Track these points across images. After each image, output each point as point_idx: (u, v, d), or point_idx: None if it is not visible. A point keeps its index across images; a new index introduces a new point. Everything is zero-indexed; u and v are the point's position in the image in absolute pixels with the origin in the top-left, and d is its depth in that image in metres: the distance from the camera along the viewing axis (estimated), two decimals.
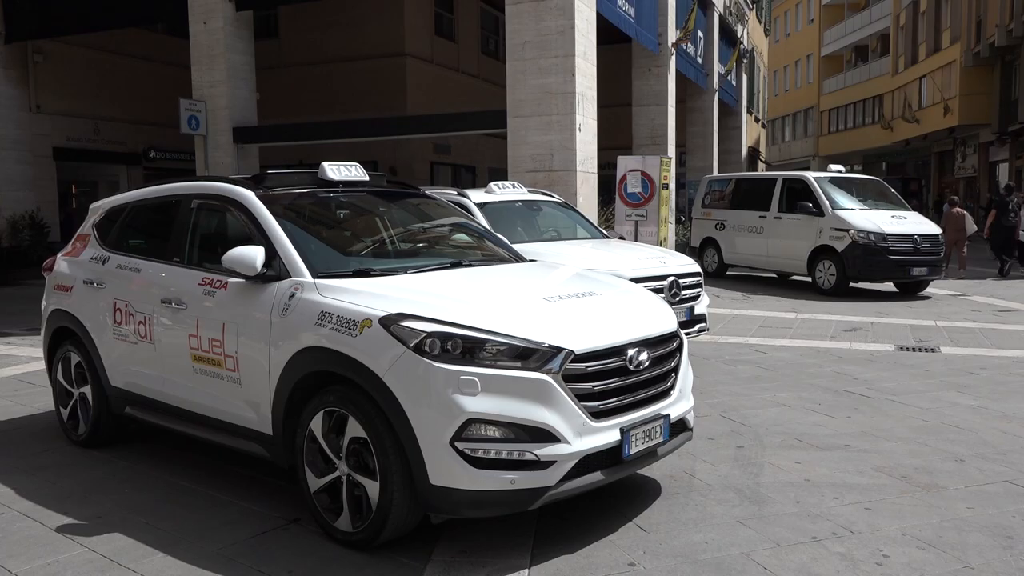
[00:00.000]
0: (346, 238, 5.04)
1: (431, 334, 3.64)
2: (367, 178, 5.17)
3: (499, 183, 9.00)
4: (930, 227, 13.82)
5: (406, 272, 4.43)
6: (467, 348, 3.63)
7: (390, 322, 3.73)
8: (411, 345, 3.64)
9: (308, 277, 4.21)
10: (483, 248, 5.46)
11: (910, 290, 13.93)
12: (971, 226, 17.44)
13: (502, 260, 5.21)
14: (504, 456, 3.60)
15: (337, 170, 5.04)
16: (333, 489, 3.97)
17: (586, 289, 4.45)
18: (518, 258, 5.33)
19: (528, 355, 3.67)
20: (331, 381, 3.96)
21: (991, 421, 6.02)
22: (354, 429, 3.83)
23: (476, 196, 8.53)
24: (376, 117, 17.66)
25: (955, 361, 8.25)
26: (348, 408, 3.83)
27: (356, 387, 3.81)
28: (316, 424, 3.99)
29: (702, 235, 16.59)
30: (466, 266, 4.81)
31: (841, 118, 53.70)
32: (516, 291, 4.45)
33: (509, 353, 3.66)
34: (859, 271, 13.21)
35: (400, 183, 5.82)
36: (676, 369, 4.27)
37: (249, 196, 4.68)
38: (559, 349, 3.71)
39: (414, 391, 3.62)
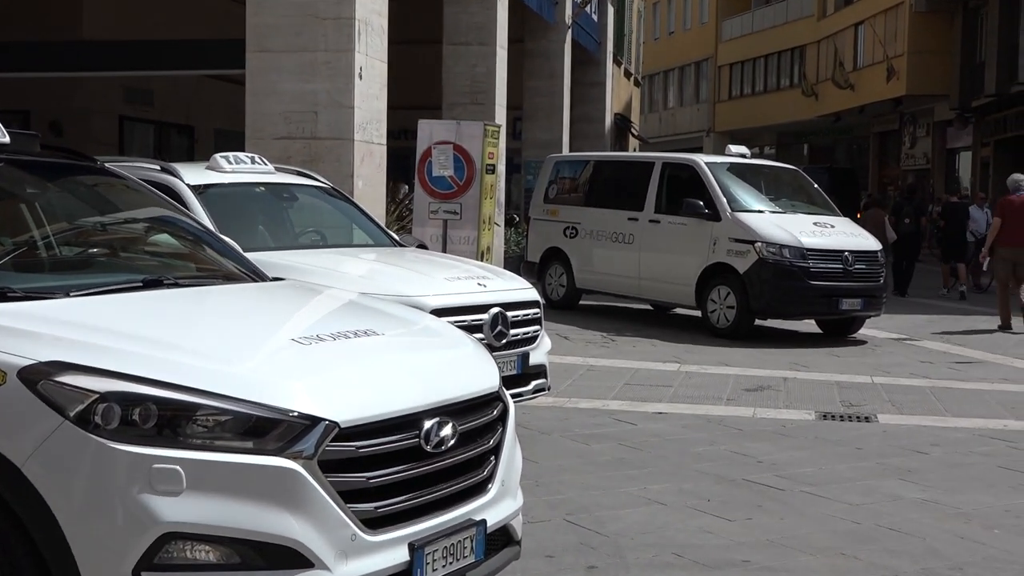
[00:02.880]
0: None
1: (106, 396, 3.52)
2: (7, 139, 4.94)
3: (231, 155, 8.84)
4: (866, 240, 14.84)
5: (68, 295, 4.28)
6: (166, 419, 3.54)
7: (38, 376, 3.57)
8: (72, 414, 3.50)
9: None
10: (199, 259, 5.35)
11: (838, 331, 14.88)
12: (891, 233, 19.56)
13: (229, 278, 5.14)
14: None
15: None
16: None
17: (361, 326, 4.45)
18: (256, 276, 5.27)
19: (265, 429, 3.61)
20: None
21: (944, 521, 6.49)
22: None
23: (192, 175, 8.33)
24: (30, 41, 16.90)
25: (897, 435, 8.86)
26: None
27: None
28: None
29: (545, 244, 17.02)
30: (169, 286, 4.71)
31: (747, 77, 56.90)
32: (249, 328, 4.39)
33: (235, 426, 3.59)
34: (768, 302, 13.97)
35: (65, 150, 5.60)
36: (496, 451, 4.33)
37: None
38: (315, 419, 3.67)
39: (76, 489, 3.48)
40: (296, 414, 3.65)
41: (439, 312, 6.78)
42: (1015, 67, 31.68)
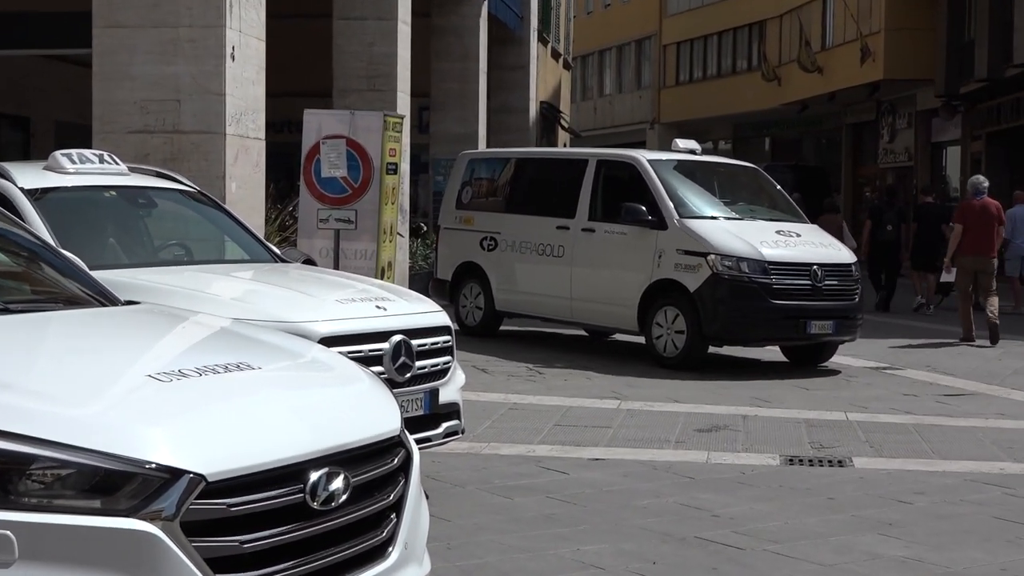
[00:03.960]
0: None
1: None
2: None
3: (75, 153, 8.74)
4: (838, 251, 15.03)
5: None
6: None
7: None
8: None
9: None
10: (35, 279, 5.32)
11: (807, 359, 15.06)
12: (851, 240, 20.40)
13: (73, 302, 5.11)
14: None
15: None
16: None
17: (234, 359, 4.45)
18: (105, 299, 5.25)
19: (116, 485, 3.59)
20: None
21: None
22: None
23: (27, 177, 8.24)
24: None
25: (876, 481, 8.98)
26: None
27: None
28: None
29: (458, 259, 17.03)
30: None
31: (697, 59, 57.44)
32: (97, 362, 4.36)
33: (78, 481, 3.56)
34: (723, 326, 14.09)
35: None
36: (398, 507, 4.33)
37: None
38: (176, 472, 3.65)
39: None
40: (154, 466, 3.63)
41: (329, 341, 6.76)
42: (1010, 46, 32.18)
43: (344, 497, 4.02)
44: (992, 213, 17.63)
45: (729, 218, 14.82)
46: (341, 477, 4.01)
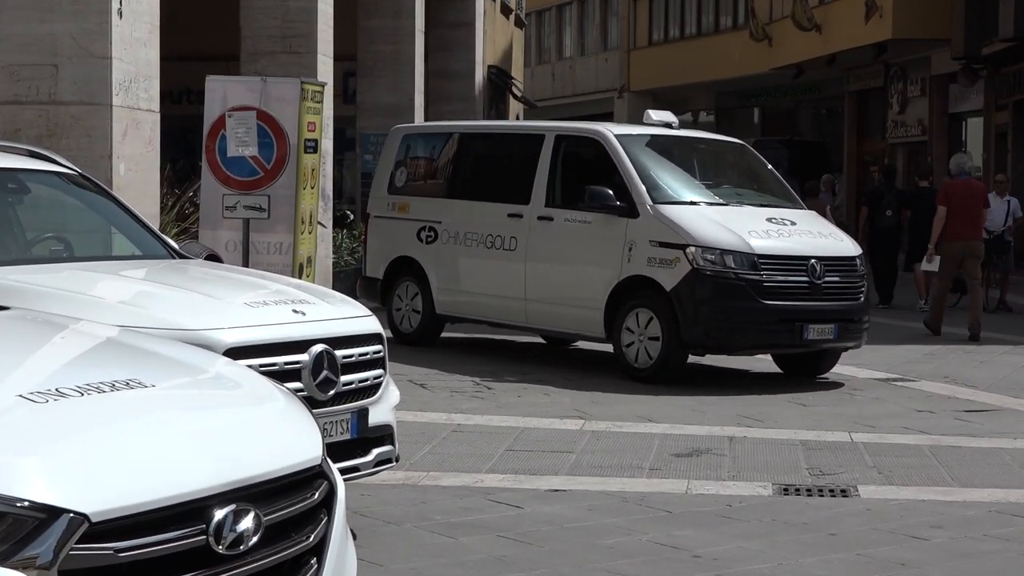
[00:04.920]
0: None
1: None
2: None
3: None
4: (839, 242, 15.09)
5: None
6: None
7: None
8: None
9: None
10: None
11: (804, 369, 15.14)
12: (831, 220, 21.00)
13: None
14: None
15: None
16: None
17: (122, 375, 4.43)
18: None
19: None
20: None
21: None
22: None
23: None
24: None
25: (885, 514, 9.01)
26: None
27: None
28: None
29: (391, 253, 17.02)
30: None
31: (673, 16, 57.54)
32: None
33: None
34: (705, 331, 14.11)
35: None
36: (319, 550, 4.31)
37: None
38: (54, 511, 3.62)
39: None
40: (26, 504, 3.60)
41: (237, 352, 6.74)
42: None
43: (255, 539, 3.99)
44: (978, 195, 18.40)
45: (711, 203, 14.86)
46: (251, 515, 3.99)
